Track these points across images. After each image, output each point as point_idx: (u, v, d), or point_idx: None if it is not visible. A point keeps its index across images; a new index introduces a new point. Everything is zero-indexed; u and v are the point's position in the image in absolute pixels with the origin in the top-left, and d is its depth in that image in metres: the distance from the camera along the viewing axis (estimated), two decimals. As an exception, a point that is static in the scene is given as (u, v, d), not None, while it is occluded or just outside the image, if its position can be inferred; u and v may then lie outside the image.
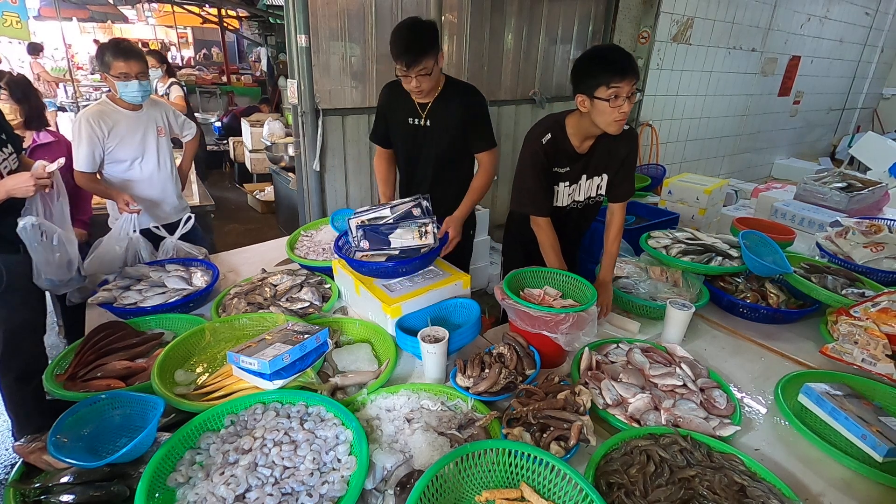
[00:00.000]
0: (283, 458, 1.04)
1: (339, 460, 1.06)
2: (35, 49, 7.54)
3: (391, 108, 2.16)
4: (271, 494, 0.96)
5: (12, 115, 2.38)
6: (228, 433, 1.12)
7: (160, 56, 4.91)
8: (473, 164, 2.22)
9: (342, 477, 1.01)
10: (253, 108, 7.20)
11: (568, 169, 1.86)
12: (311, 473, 1.01)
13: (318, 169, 3.14)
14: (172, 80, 4.80)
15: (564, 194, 1.91)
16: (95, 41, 10.67)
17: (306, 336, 1.34)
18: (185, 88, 4.97)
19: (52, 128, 2.67)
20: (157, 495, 0.97)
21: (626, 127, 1.78)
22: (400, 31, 1.85)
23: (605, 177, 1.92)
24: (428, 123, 2.09)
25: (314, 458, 1.04)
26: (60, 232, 1.84)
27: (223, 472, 1.01)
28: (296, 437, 1.10)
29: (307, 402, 1.21)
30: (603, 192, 1.95)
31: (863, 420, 1.24)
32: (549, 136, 1.79)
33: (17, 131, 2.42)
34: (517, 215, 2.15)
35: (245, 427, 1.14)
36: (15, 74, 2.52)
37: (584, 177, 1.90)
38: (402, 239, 1.67)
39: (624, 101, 1.55)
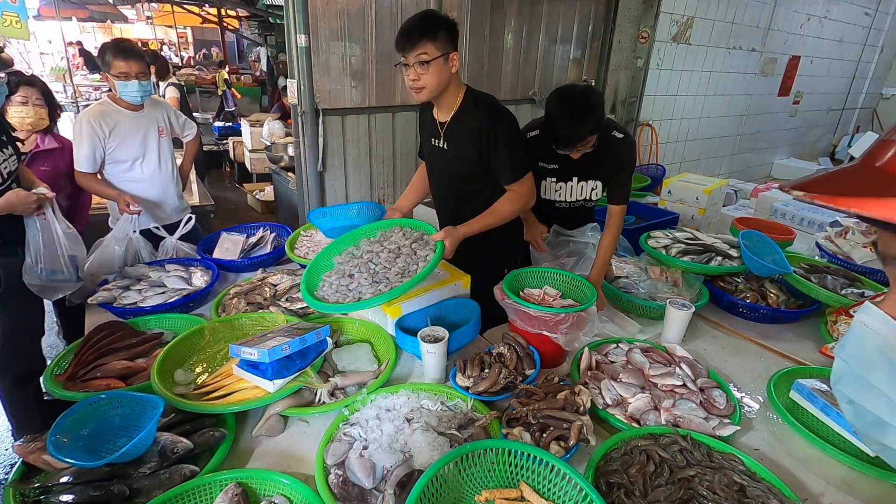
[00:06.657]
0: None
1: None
2: None
3: (422, 126, 1.96)
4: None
5: (35, 117, 2.35)
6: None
7: (152, 55, 4.69)
8: (498, 188, 1.80)
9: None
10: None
11: (556, 167, 1.94)
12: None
13: (321, 169, 3.14)
14: (171, 81, 4.66)
15: (551, 189, 1.99)
16: (78, 42, 10.36)
17: (307, 332, 1.34)
18: (183, 89, 4.84)
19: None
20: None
21: (620, 135, 1.85)
22: (409, 18, 1.66)
23: (599, 183, 1.97)
24: (445, 146, 1.81)
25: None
26: (65, 226, 1.85)
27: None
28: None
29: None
30: (599, 196, 2.01)
31: None
32: (536, 132, 1.94)
33: (35, 133, 2.40)
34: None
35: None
36: (28, 75, 2.50)
37: (576, 179, 1.95)
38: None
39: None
